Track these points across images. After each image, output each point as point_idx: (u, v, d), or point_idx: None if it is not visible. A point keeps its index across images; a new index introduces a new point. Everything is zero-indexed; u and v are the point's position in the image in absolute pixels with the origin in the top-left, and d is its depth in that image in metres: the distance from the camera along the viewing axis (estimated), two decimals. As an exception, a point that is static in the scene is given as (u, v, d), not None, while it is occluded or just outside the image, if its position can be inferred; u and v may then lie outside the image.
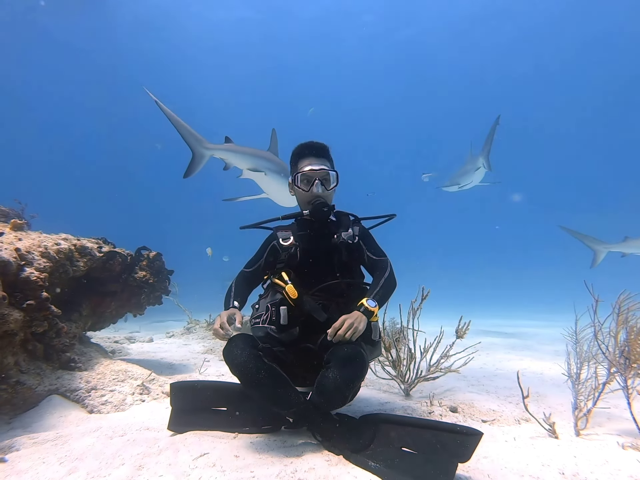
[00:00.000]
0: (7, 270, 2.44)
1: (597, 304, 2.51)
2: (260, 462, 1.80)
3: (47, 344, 2.88)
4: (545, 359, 5.20)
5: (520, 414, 2.71)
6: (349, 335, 2.02)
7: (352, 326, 2.03)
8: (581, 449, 2.10)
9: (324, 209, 2.43)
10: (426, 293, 3.18)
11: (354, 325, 2.04)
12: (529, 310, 15.03)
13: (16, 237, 2.81)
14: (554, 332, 7.66)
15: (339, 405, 1.99)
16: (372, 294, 2.24)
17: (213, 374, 3.95)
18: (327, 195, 2.48)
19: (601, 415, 2.66)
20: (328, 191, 2.47)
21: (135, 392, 2.96)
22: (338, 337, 2.03)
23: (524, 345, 6.67)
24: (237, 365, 1.96)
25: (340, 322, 2.06)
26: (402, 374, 3.22)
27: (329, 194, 2.50)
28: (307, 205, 2.49)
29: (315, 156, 2.49)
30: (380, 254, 2.54)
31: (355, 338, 2.05)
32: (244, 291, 2.48)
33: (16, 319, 2.36)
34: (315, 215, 2.46)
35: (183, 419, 2.26)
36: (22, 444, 2.04)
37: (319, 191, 2.42)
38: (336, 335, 2.03)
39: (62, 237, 3.29)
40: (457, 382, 3.71)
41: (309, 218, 2.51)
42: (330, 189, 2.48)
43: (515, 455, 2.00)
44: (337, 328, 2.04)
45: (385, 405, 2.88)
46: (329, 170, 2.47)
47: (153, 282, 4.16)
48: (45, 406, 2.59)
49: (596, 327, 2.52)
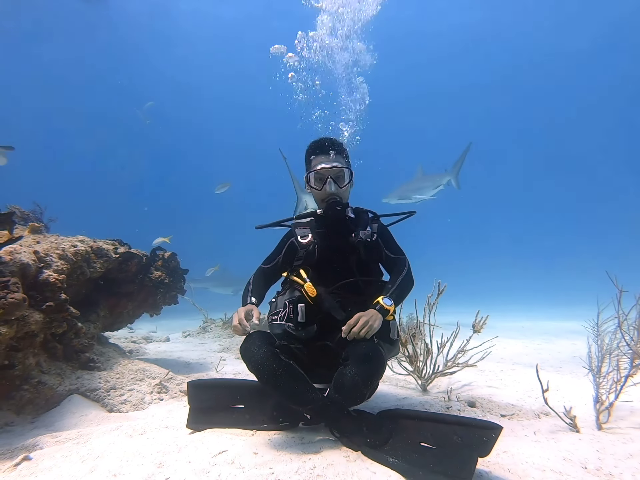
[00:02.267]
0: (27, 272, 2.48)
1: (620, 295, 2.46)
2: (279, 459, 1.80)
3: (67, 344, 2.93)
4: (564, 352, 5.12)
5: (539, 408, 2.67)
6: (364, 333, 2.02)
7: (366, 324, 2.03)
8: (604, 443, 2.06)
9: (337, 207, 2.41)
10: (442, 288, 3.15)
11: (368, 323, 2.03)
12: (549, 303, 14.82)
13: (34, 240, 2.86)
14: (572, 325, 7.55)
15: (356, 402, 1.99)
16: (389, 293, 2.23)
17: (230, 372, 3.98)
18: (341, 192, 2.45)
19: (623, 408, 2.60)
20: (341, 189, 2.43)
21: (153, 391, 3.00)
22: (352, 335, 2.03)
23: (542, 338, 6.58)
24: (255, 362, 1.96)
25: (355, 319, 2.06)
26: (419, 369, 3.21)
27: (343, 191, 2.46)
28: (322, 203, 2.47)
29: (327, 154, 2.46)
30: (399, 252, 2.51)
31: (370, 336, 2.04)
32: (261, 287, 2.48)
33: (36, 320, 2.40)
34: (330, 214, 2.44)
35: (201, 417, 2.27)
36: (45, 442, 2.08)
37: (332, 189, 2.39)
38: (350, 333, 2.03)
39: (79, 239, 3.34)
40: (474, 377, 3.67)
41: (324, 216, 2.50)
42: (344, 187, 2.44)
43: (535, 449, 1.97)
44: (351, 325, 2.04)
45: (402, 401, 2.87)
46: (341, 167, 2.43)
47: (168, 282, 4.21)
48: (66, 405, 2.63)
49: (620, 317, 2.47)
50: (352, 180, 2.50)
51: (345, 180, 2.45)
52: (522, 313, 11.43)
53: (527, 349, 5.50)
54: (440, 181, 9.53)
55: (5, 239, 2.34)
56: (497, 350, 5.08)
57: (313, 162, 2.50)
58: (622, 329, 2.45)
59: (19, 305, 2.17)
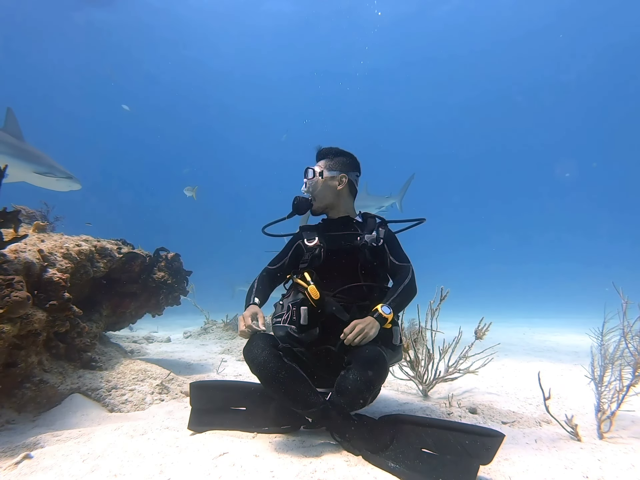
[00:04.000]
0: (31, 271, 2.49)
1: (626, 306, 2.47)
2: (280, 462, 1.80)
3: (69, 343, 2.94)
4: (566, 360, 5.10)
5: (541, 416, 2.66)
6: (358, 340, 2.02)
7: (362, 331, 2.03)
8: (605, 452, 2.05)
9: (299, 201, 2.60)
10: (445, 294, 3.15)
11: (364, 331, 2.03)
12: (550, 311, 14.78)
13: (39, 239, 2.87)
14: (575, 334, 7.53)
15: (358, 406, 1.98)
16: (389, 301, 2.22)
17: (231, 374, 3.98)
18: (312, 192, 2.62)
19: (625, 418, 2.59)
20: (307, 186, 2.63)
21: (154, 391, 3.00)
22: (348, 342, 2.04)
23: (544, 346, 6.56)
24: (257, 364, 1.96)
25: (351, 327, 2.07)
26: (420, 374, 3.20)
27: (314, 190, 2.62)
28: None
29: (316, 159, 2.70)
30: (403, 259, 2.50)
31: (365, 343, 2.05)
32: (265, 289, 2.50)
33: (40, 318, 2.41)
34: (295, 208, 2.61)
35: (202, 419, 2.27)
36: (46, 441, 2.08)
37: (303, 188, 2.64)
38: (346, 340, 2.04)
39: (83, 239, 3.35)
40: (475, 383, 3.67)
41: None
42: (309, 182, 2.62)
43: (537, 457, 1.97)
44: (347, 333, 2.05)
45: (404, 406, 2.86)
46: (310, 168, 2.62)
47: (171, 283, 4.21)
48: (67, 404, 2.64)
49: (625, 328, 2.47)
50: (324, 180, 2.60)
51: (308, 177, 2.63)
52: (523, 320, 11.40)
53: (529, 357, 5.48)
54: (383, 203, 10.26)
55: (10, 237, 2.35)
56: (499, 357, 5.07)
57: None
58: (626, 339, 2.45)
59: (23, 304, 2.17)
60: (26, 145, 5.75)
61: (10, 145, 5.50)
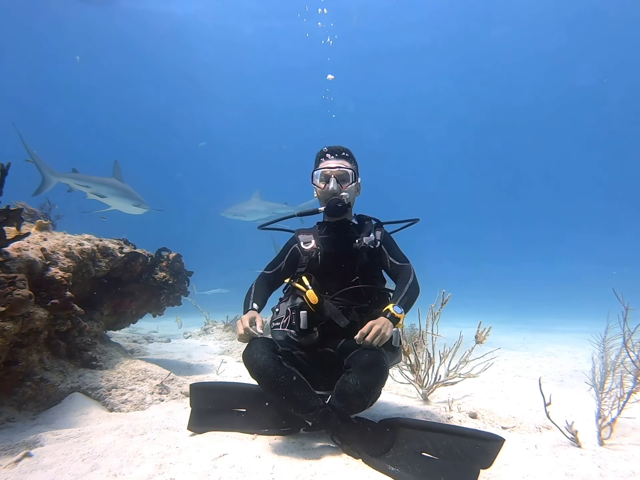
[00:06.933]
0: (33, 269, 2.49)
1: (627, 312, 2.46)
2: (280, 464, 1.80)
3: (70, 342, 2.94)
4: (566, 366, 5.09)
5: (541, 421, 2.65)
6: (377, 341, 1.99)
7: (379, 332, 2.00)
8: (606, 459, 2.04)
9: (337, 205, 2.43)
10: (446, 298, 3.15)
11: (381, 332, 2.01)
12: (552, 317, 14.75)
13: (41, 237, 2.88)
14: (576, 340, 7.51)
15: (358, 410, 1.98)
16: (398, 300, 2.21)
17: (230, 375, 3.98)
18: (345, 194, 2.47)
19: (626, 425, 2.59)
20: (344, 190, 2.46)
21: (154, 391, 3.00)
22: (365, 343, 2.01)
23: (544, 351, 6.55)
24: (257, 368, 1.96)
25: (368, 327, 2.03)
26: (421, 378, 3.20)
27: (347, 193, 2.47)
28: (324, 203, 2.50)
29: (334, 156, 2.51)
30: (403, 259, 2.50)
31: (382, 344, 2.03)
32: (263, 293, 2.50)
33: (41, 317, 2.41)
34: (330, 212, 2.47)
35: (202, 420, 2.27)
36: (46, 439, 2.08)
37: (333, 188, 2.41)
38: (364, 341, 2.02)
39: (85, 238, 3.35)
40: (475, 388, 3.66)
41: (325, 215, 2.54)
42: (347, 187, 2.47)
43: (536, 463, 1.96)
44: (364, 334, 2.01)
45: (403, 410, 2.86)
46: (345, 168, 2.47)
47: (173, 283, 4.22)
48: (67, 403, 2.64)
49: (626, 335, 2.47)
50: (357, 184, 2.54)
51: (348, 181, 2.48)
52: (524, 325, 11.37)
53: (529, 362, 5.46)
54: (274, 210, 11.00)
55: (12, 236, 2.35)
56: (499, 361, 5.06)
57: (319, 163, 2.56)
58: (627, 346, 2.44)
59: (25, 302, 2.18)
60: (126, 186, 7.91)
61: (120, 188, 7.77)
